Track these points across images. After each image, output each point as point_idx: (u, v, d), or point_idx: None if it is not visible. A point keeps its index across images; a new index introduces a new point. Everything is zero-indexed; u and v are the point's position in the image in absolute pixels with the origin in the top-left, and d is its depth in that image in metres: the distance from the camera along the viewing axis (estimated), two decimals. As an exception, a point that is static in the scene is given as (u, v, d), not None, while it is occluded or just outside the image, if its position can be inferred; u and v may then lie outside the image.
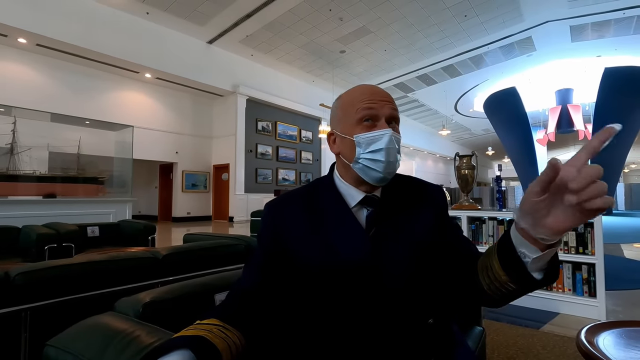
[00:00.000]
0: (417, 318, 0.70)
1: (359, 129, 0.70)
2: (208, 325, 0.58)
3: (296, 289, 0.71)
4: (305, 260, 0.68)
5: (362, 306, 0.66)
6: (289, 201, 0.75)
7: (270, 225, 0.73)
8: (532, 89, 12.49)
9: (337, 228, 0.70)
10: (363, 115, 0.69)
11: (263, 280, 0.69)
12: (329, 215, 0.71)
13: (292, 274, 0.70)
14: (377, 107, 0.70)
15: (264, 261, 0.71)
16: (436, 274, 0.72)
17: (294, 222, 0.71)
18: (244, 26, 8.70)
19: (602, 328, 1.12)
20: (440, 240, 0.74)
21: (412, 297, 0.69)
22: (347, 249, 0.68)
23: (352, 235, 0.69)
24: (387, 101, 0.71)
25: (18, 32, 6.69)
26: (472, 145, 23.41)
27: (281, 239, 0.71)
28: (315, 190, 0.76)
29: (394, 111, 0.71)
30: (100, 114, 8.20)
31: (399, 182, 0.78)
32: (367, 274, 0.66)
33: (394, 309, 0.67)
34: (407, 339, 0.67)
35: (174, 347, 0.51)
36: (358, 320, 0.66)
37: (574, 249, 2.42)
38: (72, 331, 0.69)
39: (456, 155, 3.11)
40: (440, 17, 8.50)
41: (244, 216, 10.15)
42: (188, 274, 1.63)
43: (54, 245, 2.68)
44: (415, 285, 0.70)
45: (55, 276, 1.24)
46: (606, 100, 9.28)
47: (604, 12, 8.21)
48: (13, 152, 5.82)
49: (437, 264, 0.72)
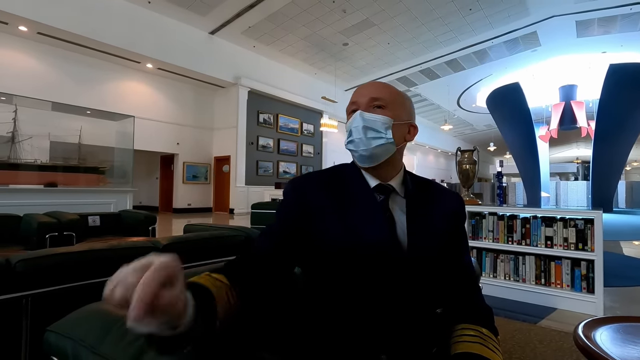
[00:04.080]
0: (428, 305, 0.73)
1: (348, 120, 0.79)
2: (217, 281, 0.58)
3: (314, 266, 0.72)
4: (327, 240, 0.70)
5: (377, 287, 0.68)
6: (314, 180, 0.76)
7: (293, 200, 0.74)
8: (535, 85, 12.40)
9: (360, 211, 0.72)
10: (348, 108, 0.79)
11: (277, 252, 0.70)
12: (351, 196, 0.74)
13: (310, 252, 0.71)
14: (358, 98, 0.77)
15: (282, 235, 0.71)
16: (447, 266, 0.76)
17: (318, 201, 0.72)
18: (246, 17, 8.62)
19: (599, 323, 1.12)
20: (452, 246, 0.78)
21: (426, 284, 0.71)
22: (369, 231, 0.70)
23: (374, 218, 0.71)
24: (368, 93, 0.76)
25: (19, 20, 6.64)
26: (473, 140, 23.32)
27: (303, 216, 0.72)
28: (341, 172, 0.80)
29: (373, 98, 0.75)
30: (102, 103, 8.17)
31: (418, 180, 0.83)
32: (386, 257, 0.68)
33: (409, 293, 0.69)
34: (417, 324, 0.69)
35: None
36: (372, 301, 0.67)
37: (573, 245, 2.43)
38: (73, 317, 0.69)
39: (458, 150, 3.10)
40: (444, 10, 8.40)
41: (245, 208, 10.17)
42: (188, 264, 1.64)
43: (55, 233, 2.69)
44: (431, 273, 0.72)
45: (56, 264, 1.24)
46: (610, 97, 9.21)
47: (611, 7, 8.10)
48: (14, 140, 5.82)
49: (449, 258, 0.76)
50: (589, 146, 11.83)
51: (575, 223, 2.44)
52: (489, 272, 2.77)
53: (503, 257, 2.72)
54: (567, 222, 2.46)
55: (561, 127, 11.66)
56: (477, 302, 0.75)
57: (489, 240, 2.76)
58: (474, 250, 2.85)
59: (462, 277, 0.77)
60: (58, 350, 0.63)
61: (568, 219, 2.47)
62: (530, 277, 2.59)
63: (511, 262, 2.68)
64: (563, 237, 2.46)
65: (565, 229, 2.46)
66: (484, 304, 0.76)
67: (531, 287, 2.56)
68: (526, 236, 2.60)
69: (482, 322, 0.71)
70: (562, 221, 2.48)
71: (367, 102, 0.75)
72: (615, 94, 9.10)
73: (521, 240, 2.62)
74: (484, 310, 0.74)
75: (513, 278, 2.66)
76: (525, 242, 2.60)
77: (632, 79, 8.86)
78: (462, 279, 0.77)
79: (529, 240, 2.59)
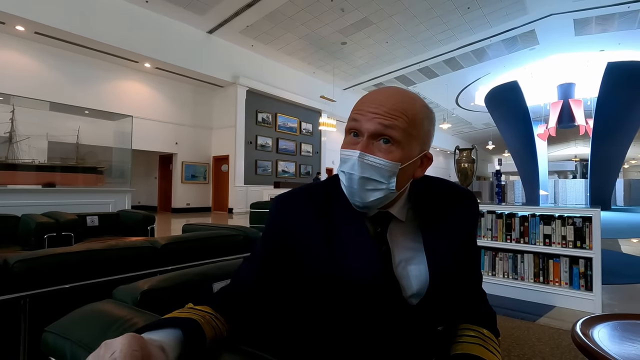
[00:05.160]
0: (427, 329, 0.67)
1: (345, 141, 0.62)
2: (201, 311, 0.58)
3: (297, 291, 0.69)
4: (311, 267, 0.64)
5: (367, 320, 0.63)
6: (301, 199, 0.68)
7: (278, 222, 0.67)
8: (534, 83, 12.42)
9: (348, 240, 0.63)
10: (349, 127, 0.61)
11: (261, 279, 0.66)
12: (341, 224, 0.64)
13: (295, 276, 0.67)
14: (363, 119, 0.59)
15: (266, 260, 0.67)
16: (451, 290, 0.68)
17: (304, 224, 0.65)
18: (244, 16, 8.61)
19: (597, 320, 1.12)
20: (461, 263, 0.69)
21: (424, 314, 0.65)
22: (356, 264, 0.62)
23: (362, 249, 0.63)
24: (377, 114, 0.58)
25: (16, 20, 6.61)
26: (472, 139, 23.36)
27: (288, 238, 0.65)
28: (330, 192, 0.67)
29: (381, 126, 0.57)
30: (99, 103, 8.15)
31: (422, 193, 0.69)
32: (374, 292, 0.62)
33: (403, 323, 0.64)
34: (414, 345, 0.66)
35: (167, 324, 0.51)
36: (362, 330, 0.64)
37: (571, 243, 2.43)
38: (70, 318, 0.69)
39: (456, 149, 3.11)
40: (442, 8, 8.40)
41: (244, 208, 10.17)
42: (187, 264, 1.63)
43: (53, 234, 2.68)
44: (429, 303, 0.65)
45: (54, 264, 1.24)
46: (609, 95, 9.23)
47: (609, 5, 8.12)
48: (12, 140, 5.80)
49: (454, 281, 0.69)
50: (587, 144, 11.85)
51: (573, 221, 2.44)
52: (488, 271, 2.78)
53: (502, 256, 2.73)
54: (566, 220, 2.47)
55: (559, 125, 11.68)
56: (480, 304, 0.72)
57: (488, 239, 2.76)
58: (472, 249, 2.86)
59: (471, 285, 0.73)
60: (56, 350, 0.63)
61: (566, 217, 2.48)
62: (528, 275, 2.60)
63: (510, 261, 2.69)
64: (561, 235, 2.47)
65: (563, 227, 2.47)
66: (488, 306, 0.73)
67: (529, 285, 2.56)
68: (525, 234, 2.61)
69: (484, 323, 0.68)
70: (561, 219, 2.49)
71: (373, 131, 0.58)
72: (613, 92, 9.11)
73: (520, 239, 2.62)
74: (487, 312, 0.71)
75: (512, 276, 2.67)
76: (523, 240, 2.61)
77: (630, 76, 8.88)
78: (470, 286, 0.73)
79: (527, 239, 2.59)
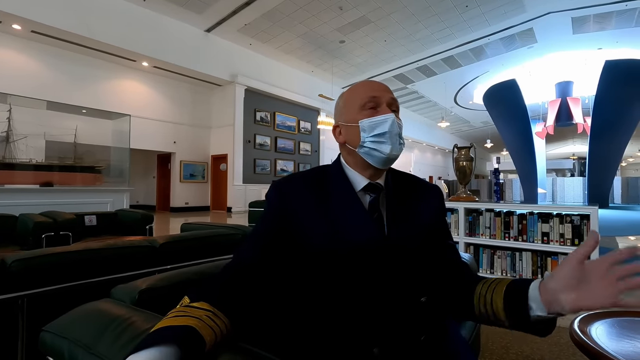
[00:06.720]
0: (412, 295, 0.75)
1: (363, 114, 0.74)
2: (198, 311, 0.57)
3: (299, 268, 0.72)
4: (311, 240, 0.70)
5: (363, 284, 0.69)
6: (297, 181, 0.76)
7: (276, 203, 0.73)
8: (532, 82, 12.43)
9: (343, 210, 0.72)
10: (366, 102, 0.74)
11: (263, 259, 0.68)
12: (335, 198, 0.74)
13: (296, 254, 0.71)
14: (379, 94, 0.75)
15: (267, 239, 0.70)
16: (431, 257, 0.78)
17: (301, 202, 0.72)
18: (242, 14, 8.57)
19: (594, 318, 1.13)
20: (436, 237, 0.79)
21: (409, 273, 0.74)
22: (353, 231, 0.70)
23: (357, 217, 0.72)
24: (387, 91, 0.76)
25: (12, 18, 6.56)
26: (470, 137, 23.37)
27: (287, 218, 0.71)
28: (323, 174, 0.79)
29: (394, 100, 0.76)
30: (97, 102, 8.11)
31: (399, 175, 0.84)
32: (371, 256, 0.70)
33: (393, 286, 0.71)
34: (404, 314, 0.71)
35: (162, 341, 0.49)
36: (358, 297, 0.69)
37: (569, 241, 2.44)
38: (68, 317, 0.69)
39: (455, 147, 3.11)
40: (441, 7, 8.39)
41: (242, 206, 10.16)
42: (185, 263, 1.63)
43: (51, 233, 2.68)
44: (415, 265, 0.75)
45: (52, 263, 1.24)
46: (606, 93, 9.25)
47: (606, 3, 8.13)
48: (9, 140, 5.78)
49: (433, 250, 0.78)
50: (585, 142, 11.88)
51: (571, 219, 2.45)
52: (486, 269, 2.79)
53: (500, 254, 2.74)
54: (564, 218, 2.48)
55: (557, 123, 11.70)
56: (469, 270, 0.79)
57: (486, 237, 2.77)
58: (471, 247, 2.87)
59: (452, 259, 0.79)
60: (54, 350, 0.63)
61: (564, 215, 2.49)
62: (527, 273, 2.61)
63: (508, 259, 2.69)
64: (559, 233, 2.48)
65: (561, 225, 2.48)
66: None
67: (528, 283, 2.57)
68: (523, 232, 2.61)
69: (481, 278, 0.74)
70: (559, 217, 2.50)
71: (390, 103, 0.75)
72: (611, 90, 9.14)
73: (518, 237, 2.63)
74: None
75: (510, 274, 2.68)
76: (522, 238, 2.62)
77: (628, 74, 8.91)
78: (452, 262, 0.79)
79: (525, 237, 2.60)
